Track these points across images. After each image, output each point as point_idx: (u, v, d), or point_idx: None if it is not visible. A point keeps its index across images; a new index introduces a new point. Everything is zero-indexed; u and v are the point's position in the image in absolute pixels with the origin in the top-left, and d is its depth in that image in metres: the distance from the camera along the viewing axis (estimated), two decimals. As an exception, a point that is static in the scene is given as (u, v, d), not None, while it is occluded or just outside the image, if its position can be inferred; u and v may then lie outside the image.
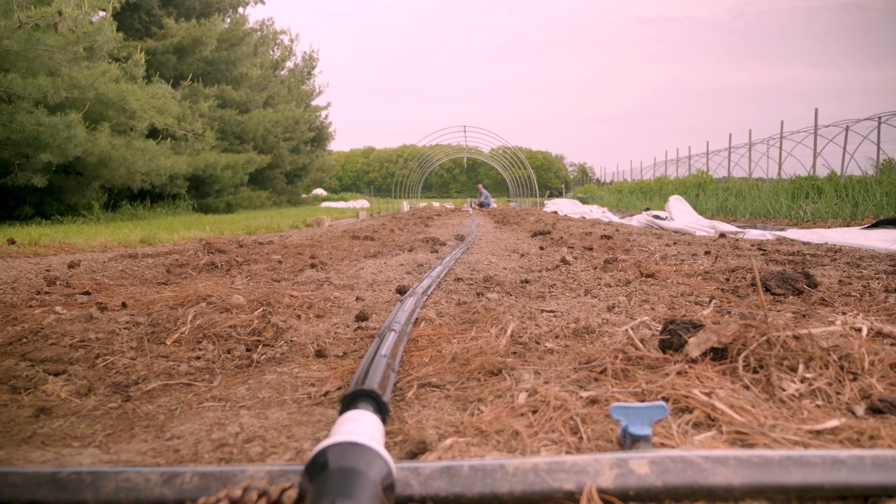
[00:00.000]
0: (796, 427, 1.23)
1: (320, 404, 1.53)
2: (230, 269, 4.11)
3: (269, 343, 2.08)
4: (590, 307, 2.61)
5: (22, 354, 1.88)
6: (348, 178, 77.13)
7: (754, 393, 1.40)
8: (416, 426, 1.31)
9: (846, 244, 5.60)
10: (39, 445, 1.30)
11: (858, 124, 15.88)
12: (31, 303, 2.74)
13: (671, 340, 1.66)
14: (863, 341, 1.60)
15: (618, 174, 40.39)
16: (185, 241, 6.73)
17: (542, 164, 74.23)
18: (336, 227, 10.10)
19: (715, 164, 24.71)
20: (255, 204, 20.69)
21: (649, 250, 5.12)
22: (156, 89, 11.96)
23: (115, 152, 10.00)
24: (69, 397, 1.59)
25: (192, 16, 18.55)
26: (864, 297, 2.78)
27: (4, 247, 5.35)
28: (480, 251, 5.48)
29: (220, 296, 2.59)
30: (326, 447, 0.88)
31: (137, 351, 1.96)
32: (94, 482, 0.93)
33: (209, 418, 1.42)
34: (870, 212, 9.79)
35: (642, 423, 1.11)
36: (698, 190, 18.30)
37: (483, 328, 2.21)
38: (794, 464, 0.94)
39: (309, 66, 30.96)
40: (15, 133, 8.38)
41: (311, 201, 30.72)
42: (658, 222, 10.02)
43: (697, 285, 3.13)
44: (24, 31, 7.93)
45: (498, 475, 0.93)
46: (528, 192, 30.38)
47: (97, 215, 11.91)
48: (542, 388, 1.46)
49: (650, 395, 1.39)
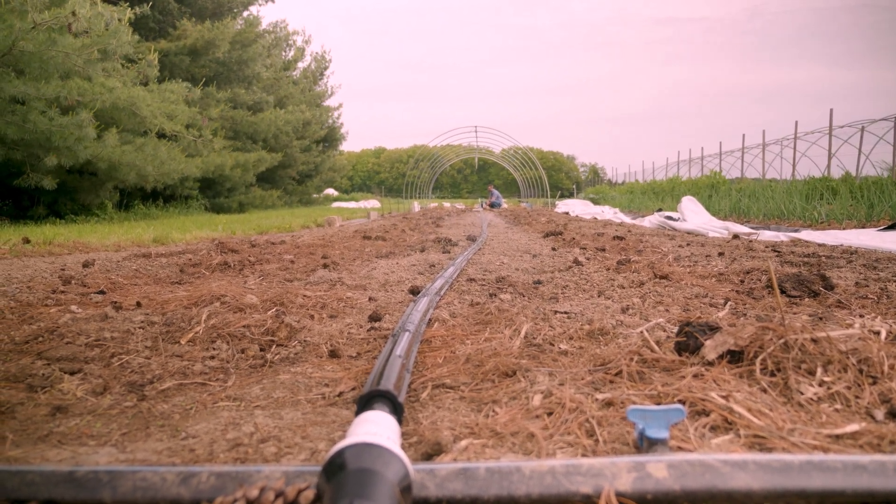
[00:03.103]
0: (815, 431, 1.22)
1: (334, 405, 1.53)
2: (243, 268, 4.13)
3: (282, 343, 2.09)
4: (603, 308, 2.60)
5: (38, 353, 1.90)
6: (359, 179, 77.30)
7: (772, 396, 1.38)
8: (431, 427, 1.31)
9: (862, 246, 5.55)
10: (56, 444, 1.31)
11: (874, 125, 15.72)
12: (47, 302, 2.76)
13: (687, 342, 1.65)
14: (882, 344, 1.58)
15: (629, 175, 40.25)
16: (198, 241, 6.76)
17: (554, 164, 74.06)
18: (347, 227, 10.12)
19: (728, 164, 24.56)
20: (266, 204, 20.77)
21: (662, 251, 5.09)
22: (168, 90, 12.02)
23: (124, 157, 10.07)
24: (85, 396, 1.60)
25: (204, 15, 18.65)
26: (882, 299, 2.75)
27: (20, 246, 5.40)
28: (492, 252, 5.47)
29: (233, 295, 2.59)
30: (344, 448, 0.88)
31: (152, 350, 1.97)
32: (112, 481, 0.93)
33: (224, 418, 1.42)
34: (885, 213, 9.68)
35: (659, 426, 1.10)
36: (711, 191, 18.18)
37: (497, 329, 2.20)
38: (814, 468, 0.93)
39: (321, 67, 31.09)
40: (28, 133, 8.45)
41: (322, 201, 30.81)
42: (670, 223, 9.97)
43: (712, 287, 3.11)
44: (38, 33, 7.99)
45: (514, 477, 0.92)
46: (540, 193, 30.32)
47: (110, 215, 12.00)
48: (557, 389, 1.45)
49: (666, 398, 1.38)
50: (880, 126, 15.49)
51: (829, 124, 16.33)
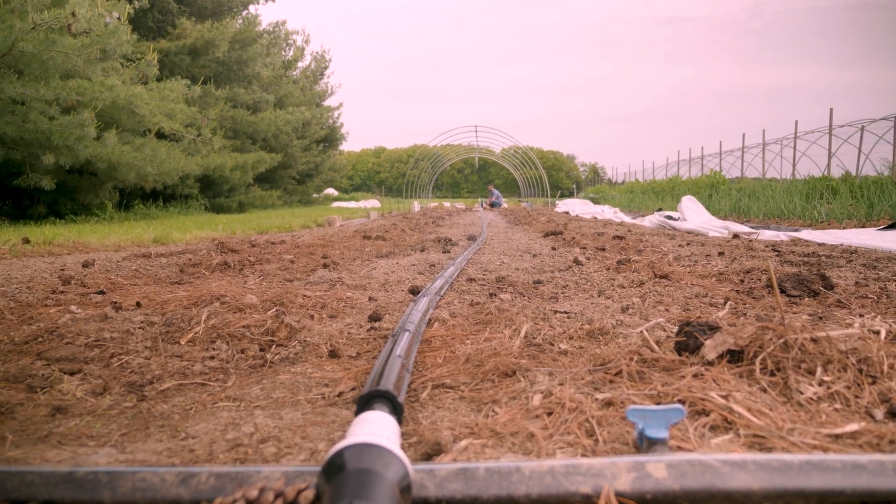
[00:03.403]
0: (815, 431, 1.22)
1: (334, 405, 1.53)
2: (243, 268, 4.13)
3: (282, 343, 2.09)
4: (603, 308, 2.60)
5: (38, 353, 1.90)
6: (359, 178, 77.29)
7: (772, 396, 1.38)
8: (431, 427, 1.31)
9: (862, 245, 5.55)
10: (55, 444, 1.31)
11: (874, 124, 15.71)
12: (47, 302, 2.76)
13: (687, 342, 1.65)
14: (881, 344, 1.58)
15: (630, 174, 40.25)
16: (198, 241, 6.76)
17: (554, 164, 74.05)
18: (347, 226, 10.12)
19: (728, 164, 24.56)
20: (266, 203, 20.77)
21: (662, 251, 5.09)
22: (167, 88, 12.01)
23: (123, 157, 10.06)
24: (84, 396, 1.60)
25: (204, 14, 18.64)
26: (882, 299, 2.75)
27: (19, 246, 5.40)
28: (492, 251, 5.47)
29: (233, 295, 2.59)
30: (343, 448, 0.88)
31: (152, 350, 1.97)
32: (111, 482, 0.93)
33: (224, 418, 1.42)
34: (885, 213, 9.68)
35: (659, 425, 1.10)
36: (711, 190, 18.18)
37: (496, 329, 2.20)
38: (814, 468, 0.93)
39: (321, 67, 31.07)
40: (27, 133, 8.44)
41: (322, 201, 30.81)
42: (670, 223, 9.97)
43: (712, 286, 3.11)
44: (38, 33, 7.99)
45: (514, 477, 0.92)
46: (540, 193, 30.31)
47: (110, 215, 12.00)
48: (557, 389, 1.45)
49: (666, 398, 1.38)
50: (880, 125, 15.49)
51: (829, 124, 16.33)
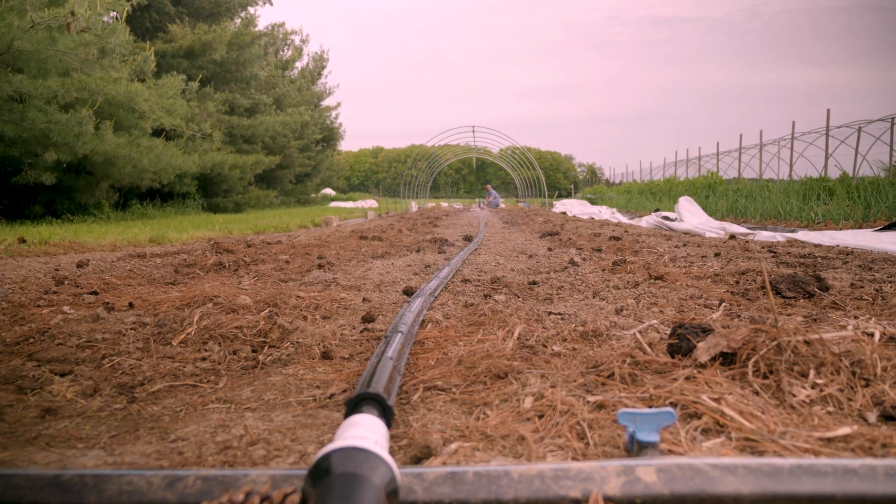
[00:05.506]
0: (807, 434, 1.21)
1: (325, 407, 1.52)
2: (238, 269, 4.12)
3: (274, 344, 2.08)
4: (598, 310, 2.59)
5: (29, 354, 1.89)
6: (357, 178, 77.24)
7: (764, 399, 1.38)
8: (422, 430, 1.30)
9: (858, 246, 5.55)
10: (44, 446, 1.30)
11: (871, 125, 15.75)
12: (39, 302, 2.75)
13: (680, 345, 1.65)
14: (875, 346, 1.57)
15: (627, 175, 40.27)
16: (194, 241, 6.75)
17: (551, 164, 74.10)
18: (344, 227, 10.11)
19: (725, 165, 24.59)
20: (263, 203, 20.74)
21: (658, 252, 5.09)
22: (166, 85, 11.99)
23: (121, 151, 10.03)
24: (75, 398, 1.59)
25: (201, 16, 18.61)
26: (877, 300, 2.75)
27: (15, 246, 5.38)
28: (488, 252, 5.46)
29: (226, 296, 2.59)
30: (330, 452, 0.88)
31: (143, 352, 1.96)
32: (97, 485, 0.92)
33: (214, 420, 1.41)
34: (882, 214, 9.70)
35: (650, 429, 1.09)
36: (708, 191, 18.20)
37: (490, 331, 2.20)
38: (804, 472, 0.92)
39: (319, 67, 31.01)
40: (26, 131, 8.42)
41: (319, 201, 30.78)
42: (667, 223, 9.98)
43: (707, 288, 3.10)
44: (36, 32, 7.97)
45: (503, 482, 0.91)
46: (537, 193, 30.31)
47: (107, 214, 11.97)
48: (549, 392, 1.44)
49: (658, 401, 1.38)
50: (877, 126, 15.52)
51: (826, 125, 16.36)
